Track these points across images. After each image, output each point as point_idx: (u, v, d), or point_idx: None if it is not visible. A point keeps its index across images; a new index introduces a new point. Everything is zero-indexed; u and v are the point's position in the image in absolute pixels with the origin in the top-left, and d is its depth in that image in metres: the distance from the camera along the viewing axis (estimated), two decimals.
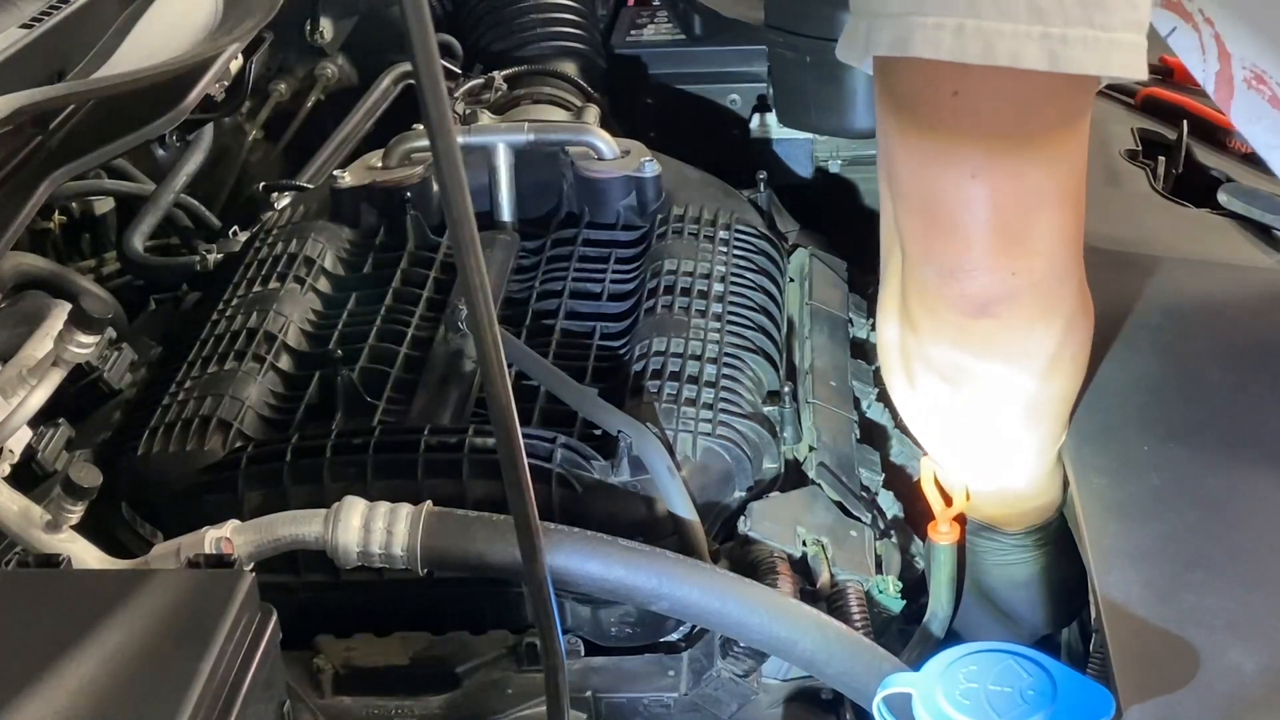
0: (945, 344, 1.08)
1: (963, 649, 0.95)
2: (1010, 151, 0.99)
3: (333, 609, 1.20)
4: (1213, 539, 1.01)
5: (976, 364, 1.08)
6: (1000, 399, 1.10)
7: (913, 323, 1.09)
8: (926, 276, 1.05)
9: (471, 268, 0.72)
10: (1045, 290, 1.05)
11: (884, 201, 1.12)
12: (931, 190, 1.02)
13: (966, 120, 0.97)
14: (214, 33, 1.40)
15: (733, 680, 1.20)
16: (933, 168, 1.01)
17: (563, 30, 2.08)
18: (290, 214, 1.61)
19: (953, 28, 0.91)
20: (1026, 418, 1.11)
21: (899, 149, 1.03)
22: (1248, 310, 1.24)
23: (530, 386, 1.29)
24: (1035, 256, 1.03)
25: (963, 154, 0.98)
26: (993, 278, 1.02)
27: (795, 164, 1.94)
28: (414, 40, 0.65)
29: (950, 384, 1.10)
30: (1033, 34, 0.90)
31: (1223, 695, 0.89)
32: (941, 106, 0.97)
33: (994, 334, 1.06)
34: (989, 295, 1.03)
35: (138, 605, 0.83)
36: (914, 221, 1.04)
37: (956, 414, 1.13)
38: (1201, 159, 1.50)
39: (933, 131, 0.99)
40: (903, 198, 1.05)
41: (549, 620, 0.92)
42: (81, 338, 1.14)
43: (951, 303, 1.04)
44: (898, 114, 1.01)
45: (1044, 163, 1.00)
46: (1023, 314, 1.05)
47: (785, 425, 1.34)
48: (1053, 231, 1.03)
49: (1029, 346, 1.07)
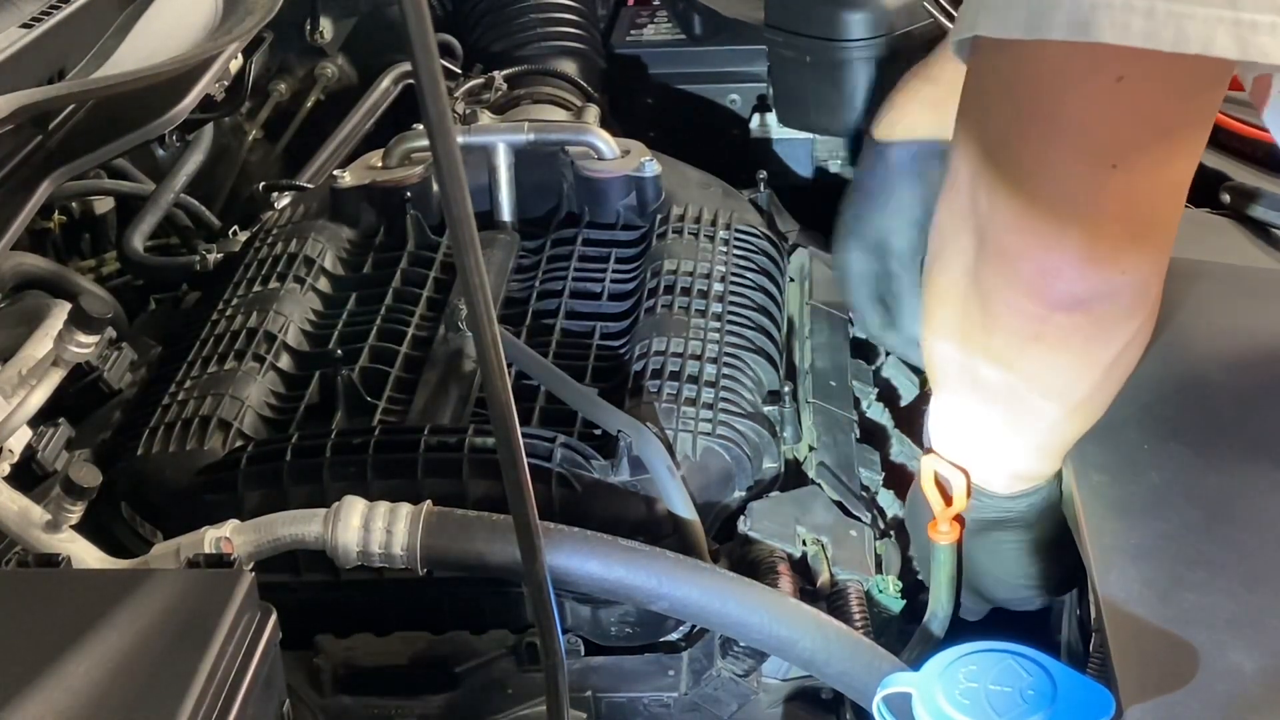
0: (1020, 336, 1.04)
1: (963, 649, 0.95)
2: (1160, 142, 0.95)
3: (333, 609, 1.20)
4: (1213, 538, 1.01)
5: (1047, 355, 1.04)
6: (1059, 389, 1.07)
7: (983, 310, 1.05)
8: (1022, 271, 1.00)
9: (471, 268, 0.72)
10: (1142, 289, 1.02)
11: (954, 196, 1.06)
12: (1057, 180, 0.97)
13: (1125, 108, 0.92)
14: (214, 33, 1.40)
15: (733, 680, 1.20)
16: (1065, 155, 0.96)
17: (563, 30, 2.08)
18: (290, 214, 1.61)
19: (1143, 10, 0.85)
20: (1077, 408, 1.09)
21: (1019, 138, 0.97)
22: (1248, 310, 1.24)
23: (530, 386, 1.29)
24: (1147, 255, 1.00)
25: (1110, 143, 0.94)
26: (1099, 273, 0.99)
27: (795, 164, 1.94)
28: (414, 40, 0.65)
29: (1009, 370, 1.06)
30: (1224, 19, 0.85)
31: (1223, 695, 0.89)
32: (1100, 93, 0.92)
33: (1077, 329, 1.02)
34: (1092, 292, 0.99)
35: (137, 605, 0.84)
36: (1018, 212, 0.99)
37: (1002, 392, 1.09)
38: (1201, 159, 1.50)
39: (1078, 119, 0.94)
40: (1008, 185, 0.99)
41: (549, 620, 0.92)
42: (81, 337, 1.14)
43: (1046, 299, 1.00)
44: (1031, 100, 0.95)
45: (1186, 155, 0.97)
46: (1117, 311, 1.02)
47: (785, 425, 1.34)
48: (1169, 225, 1.00)
49: (1105, 340, 1.04)
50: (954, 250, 1.07)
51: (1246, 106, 1.55)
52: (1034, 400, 1.08)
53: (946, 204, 1.08)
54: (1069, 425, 1.11)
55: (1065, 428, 1.11)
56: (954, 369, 1.13)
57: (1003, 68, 0.97)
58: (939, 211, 1.09)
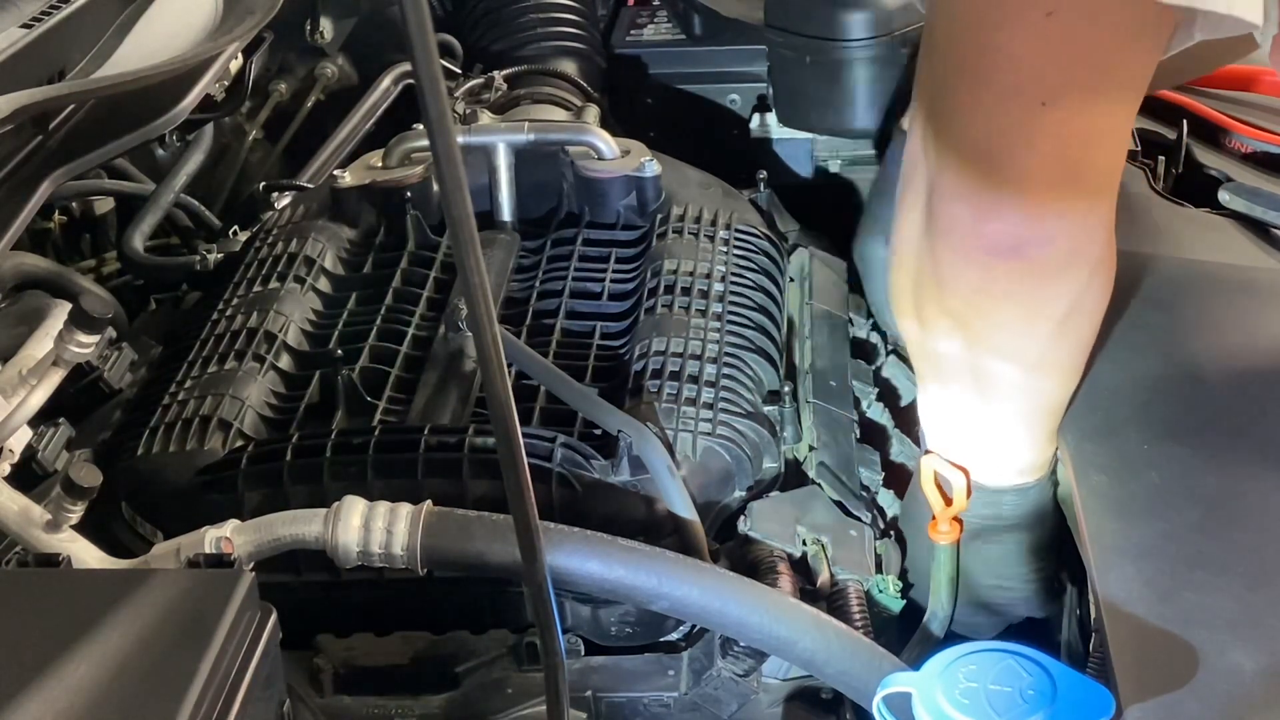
0: (966, 288, 1.04)
1: (963, 648, 0.95)
2: (1091, 81, 0.94)
3: (333, 608, 1.20)
4: (1213, 537, 1.01)
5: (995, 309, 1.04)
6: (1013, 347, 1.07)
7: (934, 263, 1.05)
8: (958, 214, 1.01)
9: (471, 268, 0.72)
10: (1080, 235, 1.01)
11: (912, 141, 1.06)
12: (990, 119, 0.97)
13: (1055, 45, 0.92)
14: (214, 33, 1.40)
15: (733, 680, 1.20)
16: (998, 94, 0.95)
17: (563, 30, 2.08)
18: (290, 214, 1.61)
19: None
20: (1036, 368, 1.08)
21: (955, 73, 0.97)
22: (1248, 310, 1.24)
23: (530, 386, 1.29)
24: (1080, 197, 0.99)
25: (1039, 80, 0.93)
26: (1033, 216, 0.98)
27: (795, 164, 1.94)
28: (414, 40, 0.65)
29: (964, 330, 1.07)
30: None
31: (1223, 695, 0.89)
32: (1030, 29, 0.91)
33: (1020, 277, 1.02)
34: (1025, 235, 0.99)
35: (137, 605, 0.84)
36: (956, 154, 0.99)
37: (965, 364, 1.10)
38: (1201, 159, 1.50)
39: (1009, 55, 0.93)
40: (948, 128, 0.99)
41: (549, 620, 0.92)
42: (81, 337, 1.14)
43: (983, 242, 1.00)
44: (968, 39, 0.95)
45: (1119, 98, 0.96)
46: (1054, 258, 1.01)
47: (785, 425, 1.34)
48: (1104, 171, 0.99)
49: (1051, 293, 1.04)
50: (909, 208, 1.07)
51: (1247, 106, 1.55)
52: (992, 364, 1.08)
53: (905, 160, 1.08)
54: (1036, 388, 1.10)
55: (1034, 392, 1.10)
56: (918, 349, 1.13)
57: (948, 8, 0.97)
58: (901, 175, 1.09)
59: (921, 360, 1.15)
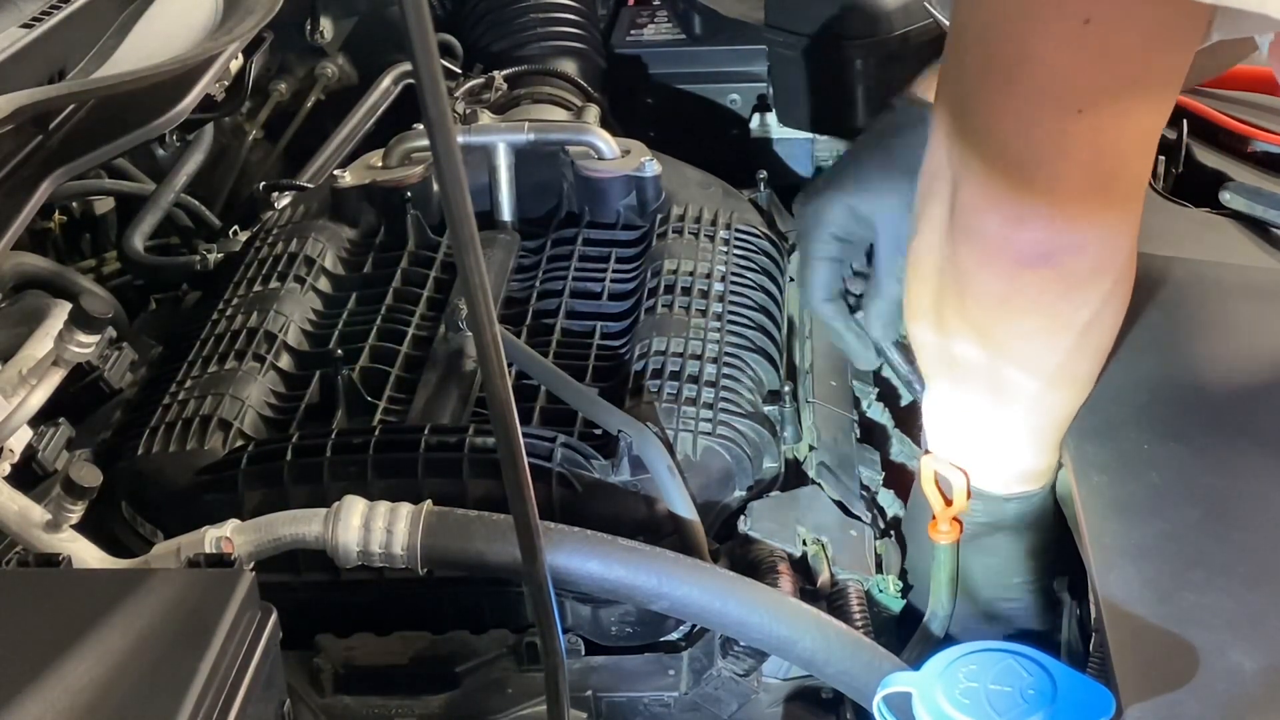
0: (991, 297, 1.03)
1: (963, 648, 0.95)
2: (1127, 89, 0.93)
3: (333, 608, 1.20)
4: (1213, 537, 1.01)
5: (1019, 318, 1.03)
6: (1033, 357, 1.06)
7: (957, 272, 1.04)
8: (986, 223, 0.99)
9: (471, 268, 0.72)
10: (1109, 244, 1.01)
11: (934, 152, 1.04)
12: (1022, 127, 0.95)
13: (1091, 52, 0.90)
14: (214, 33, 1.40)
15: (733, 679, 1.20)
16: (1032, 102, 0.94)
17: (563, 30, 2.08)
18: (290, 214, 1.61)
19: None
20: (1053, 379, 1.08)
21: (986, 84, 0.96)
22: (1248, 310, 1.24)
23: (530, 386, 1.29)
24: (1112, 204, 0.98)
25: (1074, 88, 0.92)
26: (1065, 224, 0.97)
27: (795, 164, 1.94)
28: (414, 40, 0.65)
29: (985, 339, 1.06)
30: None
31: (1223, 695, 0.89)
32: (1068, 36, 0.90)
33: (1048, 287, 1.01)
34: (1056, 244, 0.98)
35: (138, 604, 0.84)
36: (985, 163, 0.98)
37: (983, 371, 1.08)
38: (1201, 159, 1.50)
39: (1045, 63, 0.92)
40: (976, 137, 0.98)
41: (549, 620, 0.92)
42: (81, 337, 1.14)
43: (1011, 251, 0.99)
44: (999, 43, 0.94)
45: (1154, 107, 0.96)
46: (1083, 266, 1.00)
47: (785, 425, 1.34)
48: (1135, 177, 0.99)
49: (1077, 301, 1.03)
50: (931, 215, 1.06)
51: (1246, 106, 1.55)
52: (1011, 374, 1.08)
53: (926, 166, 1.06)
54: (1051, 400, 1.09)
55: (1048, 403, 1.10)
56: (934, 353, 1.12)
57: (977, 12, 0.96)
58: (920, 177, 1.08)
59: (935, 363, 1.14)
